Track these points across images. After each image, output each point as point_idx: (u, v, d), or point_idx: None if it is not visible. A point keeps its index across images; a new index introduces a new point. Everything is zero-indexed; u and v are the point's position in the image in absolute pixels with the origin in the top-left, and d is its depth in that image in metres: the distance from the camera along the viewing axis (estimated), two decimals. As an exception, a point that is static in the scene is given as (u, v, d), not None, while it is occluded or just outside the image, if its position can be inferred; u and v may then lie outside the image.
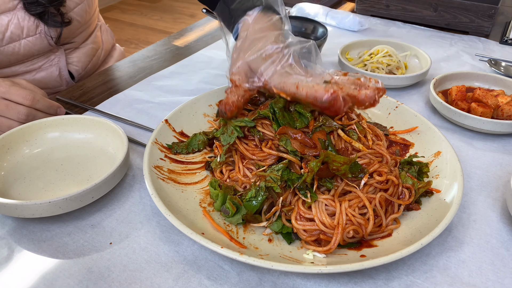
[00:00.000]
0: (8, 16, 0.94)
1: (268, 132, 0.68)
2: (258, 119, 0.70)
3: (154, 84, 1.05)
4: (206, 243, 0.55)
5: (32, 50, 1.00)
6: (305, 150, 0.63)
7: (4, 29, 0.93)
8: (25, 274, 0.59)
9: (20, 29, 0.95)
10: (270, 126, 0.69)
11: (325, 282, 0.58)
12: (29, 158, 0.77)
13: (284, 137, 0.65)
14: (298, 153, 0.63)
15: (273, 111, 0.68)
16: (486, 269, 0.60)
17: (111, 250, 0.62)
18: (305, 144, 0.64)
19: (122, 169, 0.70)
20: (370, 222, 0.60)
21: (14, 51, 0.97)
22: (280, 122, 0.67)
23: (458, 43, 1.29)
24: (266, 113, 0.68)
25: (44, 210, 0.62)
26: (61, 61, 1.09)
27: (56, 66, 1.08)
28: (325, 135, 0.65)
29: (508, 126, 0.83)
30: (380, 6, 1.45)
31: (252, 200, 0.63)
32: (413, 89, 1.04)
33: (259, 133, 0.69)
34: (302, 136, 0.65)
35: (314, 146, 0.64)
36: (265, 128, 0.69)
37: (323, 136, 0.65)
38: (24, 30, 0.96)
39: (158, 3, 4.56)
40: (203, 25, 1.43)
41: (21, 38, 0.96)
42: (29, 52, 1.00)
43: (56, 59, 1.08)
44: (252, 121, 0.69)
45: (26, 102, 0.80)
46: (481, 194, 0.73)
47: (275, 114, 0.68)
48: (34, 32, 0.97)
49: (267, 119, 0.69)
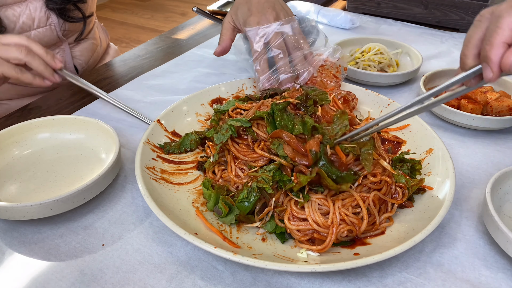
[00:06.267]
0: (21, 6, 0.96)
1: (262, 134, 0.68)
2: (254, 119, 0.69)
3: (145, 83, 1.05)
4: (200, 244, 0.55)
5: (41, 42, 1.02)
6: (296, 157, 0.62)
7: (16, 19, 0.96)
8: (17, 277, 0.58)
9: (31, 19, 0.98)
10: (265, 127, 0.68)
11: (319, 281, 0.58)
12: (19, 159, 0.76)
13: (277, 141, 0.64)
14: (289, 159, 0.62)
15: (272, 111, 0.67)
16: (479, 264, 0.60)
17: (103, 252, 0.62)
18: (297, 151, 0.62)
19: (113, 169, 0.69)
20: (364, 221, 0.60)
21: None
22: (277, 124, 0.66)
23: (449, 40, 1.29)
24: (262, 114, 0.67)
25: (35, 212, 0.62)
26: (66, 54, 1.12)
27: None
28: (318, 145, 0.62)
29: (497, 122, 0.83)
30: (371, 3, 1.45)
31: (244, 201, 0.63)
32: (404, 87, 1.04)
33: (254, 133, 0.68)
34: (295, 142, 0.63)
35: (306, 154, 0.62)
36: (260, 129, 0.69)
37: (316, 146, 0.62)
38: (35, 21, 0.98)
39: (149, 2, 4.53)
40: (194, 23, 1.42)
41: (32, 28, 0.99)
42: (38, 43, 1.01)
43: (61, 52, 1.11)
44: (248, 122, 0.69)
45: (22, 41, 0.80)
46: (473, 191, 0.73)
47: (273, 115, 0.67)
48: (45, 24, 1.00)
49: (263, 120, 0.69)
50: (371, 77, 1.00)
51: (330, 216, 0.60)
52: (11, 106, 1.10)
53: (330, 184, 0.59)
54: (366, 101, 0.90)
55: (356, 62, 1.08)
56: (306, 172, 0.60)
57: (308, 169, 0.61)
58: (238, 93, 0.93)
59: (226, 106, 0.80)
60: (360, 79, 1.02)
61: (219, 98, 0.91)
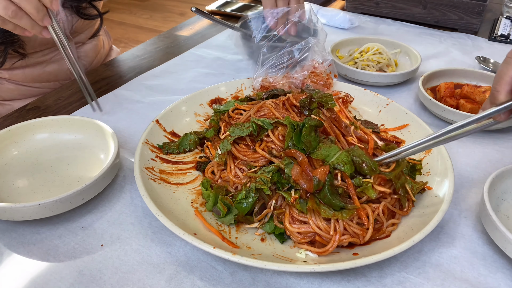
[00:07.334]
0: None
1: (277, 141, 0.66)
2: (275, 123, 0.67)
3: (144, 83, 1.05)
4: (199, 244, 0.55)
5: (48, 40, 1.01)
6: (300, 179, 0.60)
7: None
8: (15, 278, 0.58)
9: None
10: (281, 134, 0.66)
11: (318, 281, 0.58)
12: (18, 160, 0.76)
13: (289, 159, 0.62)
14: (292, 180, 0.61)
15: (303, 125, 0.64)
16: (478, 264, 0.60)
17: (102, 252, 0.62)
18: (305, 174, 0.60)
19: (112, 170, 0.69)
20: (369, 232, 0.59)
21: (31, 37, 0.98)
22: (303, 137, 0.63)
23: (448, 40, 1.29)
24: (293, 122, 0.64)
25: (33, 212, 0.62)
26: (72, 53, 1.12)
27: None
28: (325, 175, 0.59)
29: (496, 122, 0.83)
30: (370, 3, 1.45)
31: (242, 202, 0.63)
32: (403, 87, 1.04)
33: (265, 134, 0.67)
34: (306, 165, 0.61)
35: (311, 179, 0.60)
36: (275, 135, 0.66)
37: (323, 174, 0.59)
38: None
39: (148, 2, 4.53)
40: (193, 23, 1.42)
41: None
42: (46, 40, 1.01)
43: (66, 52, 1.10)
44: (271, 124, 0.67)
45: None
46: (471, 190, 0.73)
47: (303, 127, 0.64)
48: None
49: (285, 127, 0.66)
50: (370, 77, 1.00)
51: (332, 224, 0.59)
52: (14, 106, 1.10)
53: (323, 213, 0.58)
54: (365, 101, 0.90)
55: (355, 62, 1.08)
56: (304, 196, 0.60)
57: (307, 194, 0.60)
58: (237, 93, 0.93)
59: (226, 106, 0.80)
60: (359, 79, 1.02)
61: (218, 98, 0.91)
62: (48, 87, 1.13)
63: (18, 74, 1.07)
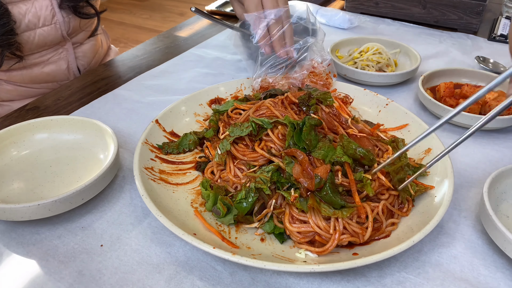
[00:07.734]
0: (27, 4, 0.96)
1: (277, 140, 0.66)
2: (275, 122, 0.67)
3: (143, 83, 1.05)
4: (198, 244, 0.55)
5: (46, 40, 1.03)
6: (301, 178, 0.60)
7: (22, 16, 0.96)
8: (15, 278, 0.58)
9: (37, 18, 0.98)
10: (281, 134, 0.66)
11: (318, 281, 0.58)
12: (17, 160, 0.76)
13: (289, 158, 0.62)
14: (293, 179, 0.61)
15: (302, 124, 0.64)
16: (478, 264, 0.60)
17: (102, 253, 0.61)
18: (306, 172, 0.61)
19: (112, 170, 0.69)
20: (368, 231, 0.60)
21: (28, 39, 0.99)
22: (303, 136, 0.63)
23: (447, 40, 1.29)
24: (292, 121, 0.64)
25: (33, 212, 0.61)
26: (70, 54, 1.12)
27: (64, 59, 1.11)
28: (327, 173, 0.59)
29: (496, 122, 0.83)
30: (369, 3, 1.45)
31: (242, 202, 0.62)
32: (403, 86, 1.04)
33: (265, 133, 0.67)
34: (306, 163, 0.61)
35: (312, 177, 0.60)
36: (275, 134, 0.66)
37: (325, 172, 0.59)
38: (41, 19, 0.99)
39: (147, 2, 4.53)
40: (192, 23, 1.42)
41: (37, 27, 0.99)
42: (43, 41, 1.02)
43: (64, 52, 1.11)
44: (270, 124, 0.67)
45: None
46: (471, 190, 0.73)
47: (303, 126, 0.64)
48: (50, 22, 1.01)
49: (284, 126, 0.66)
50: (369, 77, 1.00)
51: (332, 223, 0.59)
52: (13, 107, 1.10)
53: (323, 211, 0.58)
54: (365, 101, 0.89)
55: (355, 62, 1.08)
56: (304, 195, 0.60)
57: (307, 192, 0.60)
58: (237, 93, 0.93)
59: (225, 106, 0.80)
60: (359, 79, 1.02)
61: (217, 98, 0.90)
62: (46, 87, 1.14)
63: (16, 75, 1.07)
